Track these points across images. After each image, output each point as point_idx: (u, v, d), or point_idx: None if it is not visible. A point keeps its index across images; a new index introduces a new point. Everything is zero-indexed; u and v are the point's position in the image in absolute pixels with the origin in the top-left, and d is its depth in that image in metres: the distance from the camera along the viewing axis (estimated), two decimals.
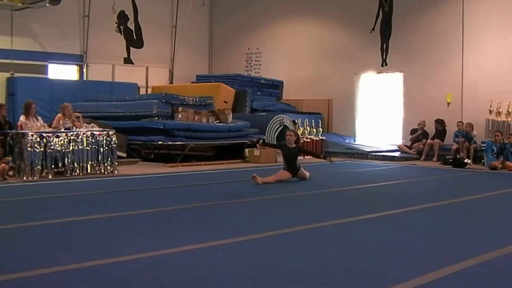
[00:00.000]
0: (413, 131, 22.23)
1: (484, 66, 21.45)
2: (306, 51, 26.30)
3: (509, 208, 10.92)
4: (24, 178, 13.92)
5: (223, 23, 29.19)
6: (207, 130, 19.14)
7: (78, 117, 15.80)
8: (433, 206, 10.80)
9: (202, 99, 20.38)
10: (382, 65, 24.26)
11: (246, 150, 19.51)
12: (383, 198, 12.12)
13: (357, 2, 24.92)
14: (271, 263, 6.38)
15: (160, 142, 18.40)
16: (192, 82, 26.30)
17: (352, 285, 5.66)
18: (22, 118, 15.30)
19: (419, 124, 22.05)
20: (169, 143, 18.51)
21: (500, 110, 20.90)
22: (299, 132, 21.15)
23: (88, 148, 14.98)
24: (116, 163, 15.70)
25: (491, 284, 5.74)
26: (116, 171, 15.47)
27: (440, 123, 21.53)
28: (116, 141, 15.81)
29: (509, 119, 20.76)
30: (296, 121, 21.92)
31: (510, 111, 20.76)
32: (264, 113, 23.12)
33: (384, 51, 24.26)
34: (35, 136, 14.08)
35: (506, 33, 21.14)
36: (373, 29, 24.39)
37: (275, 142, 20.28)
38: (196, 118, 19.10)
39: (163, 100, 19.09)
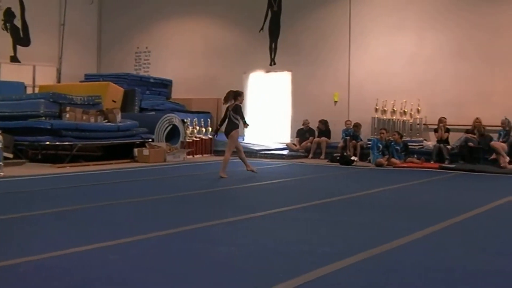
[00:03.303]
0: (299, 132, 22.56)
1: (370, 65, 21.97)
2: (195, 50, 26.34)
3: (395, 204, 11.18)
4: None
5: (112, 22, 28.94)
6: (95, 130, 18.91)
7: None
8: (322, 203, 10.97)
9: (90, 98, 20.15)
10: (270, 64, 24.52)
11: (135, 149, 19.39)
12: (272, 196, 12.26)
13: (246, 1, 25.09)
14: (162, 263, 6.37)
15: (47, 143, 18.05)
16: (81, 81, 25.93)
17: (243, 283, 5.70)
18: None
19: (303, 123, 22.39)
20: (57, 143, 18.19)
21: (386, 109, 21.44)
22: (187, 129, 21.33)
23: None
24: (2, 164, 15.34)
25: (376, 278, 5.86)
26: (2, 173, 15.11)
27: (323, 123, 21.95)
28: (2, 142, 15.46)
29: (394, 117, 21.29)
30: (185, 120, 21.89)
31: (395, 109, 21.31)
32: (153, 112, 23.01)
33: (273, 50, 24.52)
34: None
35: (391, 33, 21.72)
36: (262, 28, 24.61)
37: (165, 142, 20.30)
38: (84, 117, 18.84)
39: (51, 100, 18.75)
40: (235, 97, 15.56)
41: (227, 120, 15.57)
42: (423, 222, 8.84)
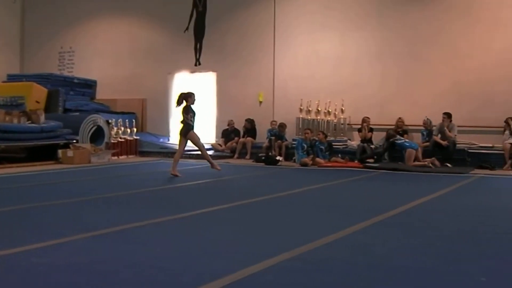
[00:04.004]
0: (225, 132, 22.63)
1: (295, 65, 22.15)
2: (120, 50, 26.17)
3: (320, 203, 11.30)
4: None
5: (36, 21, 28.55)
6: (18, 131, 18.62)
7: None
8: (247, 203, 11.01)
9: (13, 99, 19.91)
10: (195, 65, 24.52)
11: (59, 151, 19.16)
12: (198, 196, 12.26)
13: (171, 1, 25.03)
14: (89, 265, 6.31)
15: None
16: (3, 82, 25.50)
17: (169, 284, 5.69)
18: None
19: (228, 123, 22.45)
20: None
21: (310, 109, 21.62)
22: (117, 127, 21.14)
23: None
24: None
25: (303, 277, 5.92)
26: None
27: (250, 122, 22.01)
28: None
29: (318, 117, 21.50)
30: (110, 121, 21.72)
31: (319, 109, 21.51)
32: (78, 113, 22.75)
33: (198, 50, 24.52)
34: None
35: (316, 33, 21.94)
36: (187, 28, 24.59)
37: (89, 143, 20.11)
38: (7, 118, 18.58)
39: None
40: (186, 99, 15.88)
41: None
42: (348, 221, 8.96)
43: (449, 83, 20.05)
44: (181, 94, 16.13)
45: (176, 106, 16.10)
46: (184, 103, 15.83)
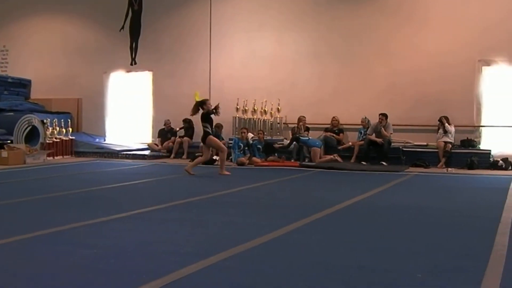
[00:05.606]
0: (161, 132, 22.56)
1: (231, 65, 22.19)
2: (55, 49, 25.85)
3: (257, 202, 11.33)
4: None
5: None
6: None
7: None
8: (184, 203, 11.00)
9: None
10: (131, 64, 24.37)
11: None
12: (134, 197, 12.18)
13: (107, 0, 24.84)
14: (24, 267, 6.25)
15: None
16: None
17: (107, 286, 5.66)
18: None
19: (165, 123, 22.37)
20: None
21: (246, 108, 21.64)
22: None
23: None
24: None
25: (240, 276, 5.94)
26: None
27: (187, 122, 21.95)
28: None
29: (255, 117, 21.53)
30: (45, 121, 21.47)
31: (255, 108, 21.53)
32: (12, 113, 22.46)
33: (134, 50, 24.37)
34: None
35: (252, 33, 21.98)
36: (123, 27, 24.44)
37: (24, 143, 19.88)
38: None
39: None
40: (201, 106, 16.32)
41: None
42: (285, 219, 9.01)
43: (384, 82, 20.31)
44: (196, 103, 16.47)
45: (191, 115, 16.69)
46: (201, 111, 16.27)
